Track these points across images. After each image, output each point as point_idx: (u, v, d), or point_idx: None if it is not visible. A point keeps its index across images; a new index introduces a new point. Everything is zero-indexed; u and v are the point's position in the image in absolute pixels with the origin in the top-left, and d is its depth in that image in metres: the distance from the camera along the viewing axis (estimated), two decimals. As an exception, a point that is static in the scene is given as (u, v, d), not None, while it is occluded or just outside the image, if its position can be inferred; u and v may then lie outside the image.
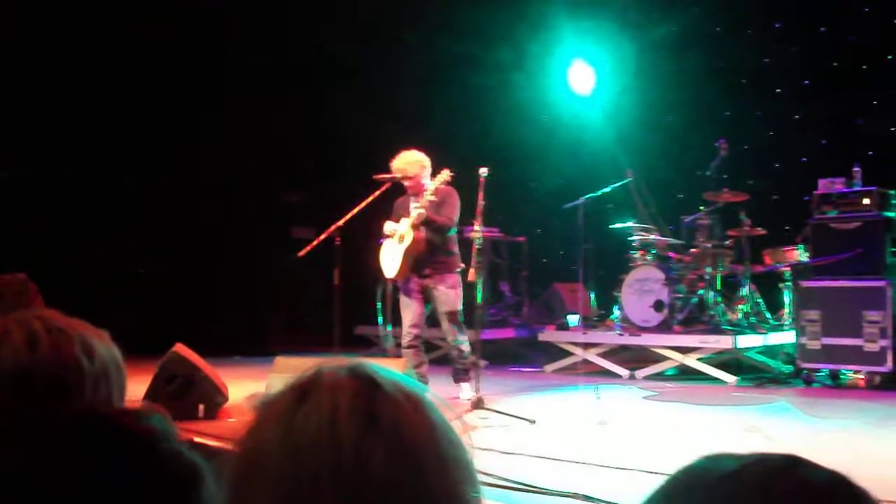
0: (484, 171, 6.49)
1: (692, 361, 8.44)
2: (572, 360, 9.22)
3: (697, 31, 10.40)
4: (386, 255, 6.99)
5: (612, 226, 9.37)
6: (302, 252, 6.89)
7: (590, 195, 8.28)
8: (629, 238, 9.30)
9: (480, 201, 6.49)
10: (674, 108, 10.57)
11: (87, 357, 1.35)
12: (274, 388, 0.93)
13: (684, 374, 8.62)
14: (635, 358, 9.09)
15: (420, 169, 6.93)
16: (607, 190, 8.62)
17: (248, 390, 6.70)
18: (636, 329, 8.94)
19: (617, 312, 9.23)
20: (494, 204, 7.01)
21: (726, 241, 9.01)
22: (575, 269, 8.53)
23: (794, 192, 9.32)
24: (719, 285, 8.94)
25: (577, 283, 9.75)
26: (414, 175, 6.89)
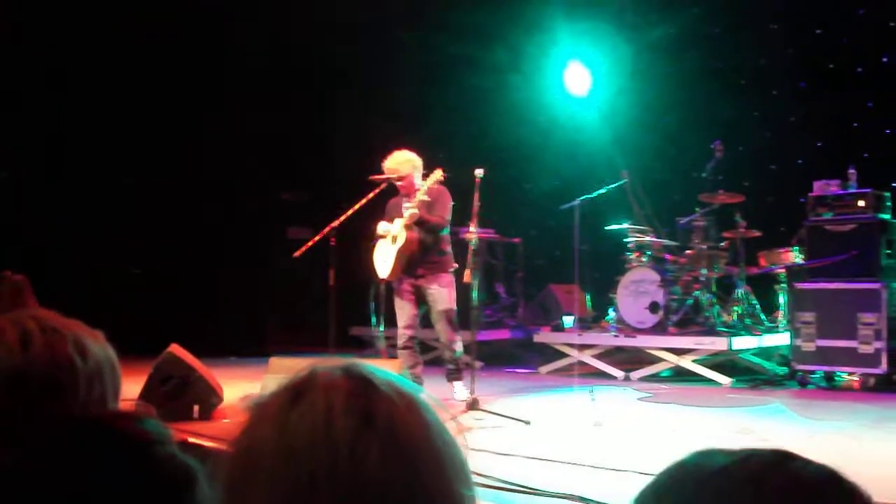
0: (479, 171, 6.48)
1: (687, 363, 8.45)
2: (567, 361, 9.23)
3: (693, 32, 10.41)
4: (379, 256, 6.98)
5: (608, 227, 9.36)
6: (297, 252, 6.89)
7: (585, 196, 8.28)
8: (625, 239, 9.31)
9: (476, 202, 6.48)
10: (670, 109, 10.57)
11: (81, 357, 1.34)
12: (269, 389, 0.93)
13: (679, 375, 8.62)
14: (630, 359, 9.09)
15: (412, 169, 6.93)
16: (603, 191, 8.61)
17: (244, 391, 6.68)
18: (631, 330, 8.94)
19: (612, 314, 9.24)
20: (490, 205, 7.00)
21: (721, 243, 9.02)
22: (570, 270, 8.52)
23: (790, 193, 9.34)
24: (714, 287, 8.96)
25: (572, 285, 9.76)
26: (406, 175, 6.89)
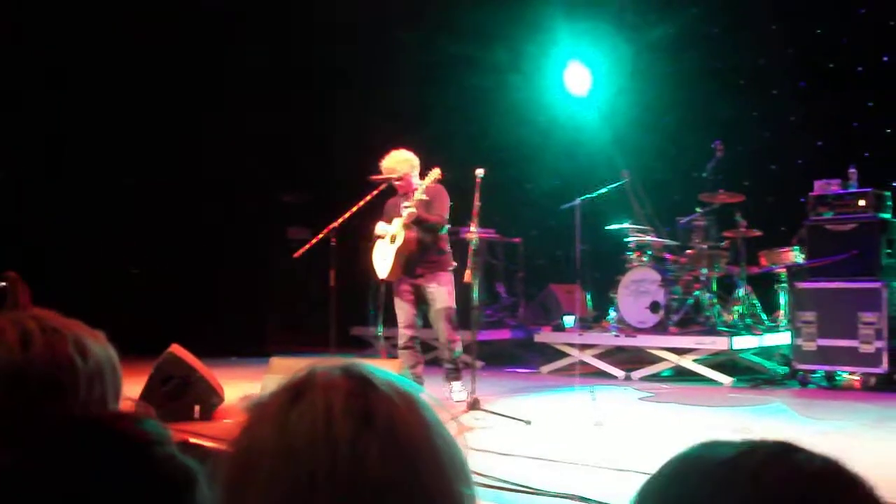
0: (480, 171, 6.47)
1: (688, 362, 8.45)
2: (568, 361, 9.23)
3: (694, 32, 10.40)
4: (378, 256, 6.97)
5: (609, 227, 9.36)
6: (297, 253, 6.89)
7: (586, 196, 8.27)
8: (625, 239, 9.30)
9: (476, 202, 6.47)
10: (670, 109, 10.57)
11: (81, 356, 1.34)
12: (269, 389, 0.93)
13: (680, 375, 8.62)
14: (631, 359, 9.09)
15: (409, 168, 6.93)
16: (603, 191, 8.61)
17: (244, 391, 6.68)
18: (632, 330, 8.94)
19: (613, 313, 9.23)
20: (491, 205, 7.00)
21: (722, 243, 9.02)
22: (571, 270, 8.53)
23: (790, 193, 9.33)
24: (715, 286, 8.95)
25: (573, 285, 9.76)
26: (404, 174, 6.89)
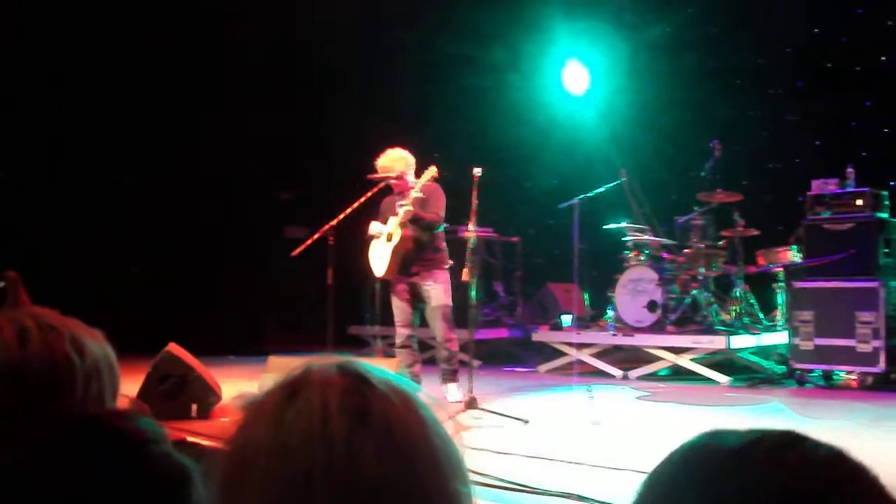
0: (478, 170, 6.46)
1: (685, 362, 8.45)
2: (566, 360, 9.23)
3: (692, 31, 10.41)
4: (374, 255, 6.97)
5: (606, 226, 9.36)
6: (295, 252, 6.88)
7: (584, 195, 8.27)
8: (623, 238, 9.31)
9: (474, 201, 6.48)
10: (668, 108, 10.57)
11: (78, 354, 1.34)
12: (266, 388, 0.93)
13: (677, 374, 8.63)
14: (629, 358, 9.10)
15: (405, 166, 6.93)
16: (601, 190, 8.60)
17: (242, 390, 6.68)
18: (629, 329, 8.95)
19: (610, 313, 9.23)
20: (489, 204, 7.01)
21: (720, 242, 9.02)
22: (569, 269, 8.52)
23: (788, 192, 9.34)
24: (713, 286, 8.96)
25: (570, 284, 9.75)
26: (399, 172, 6.89)
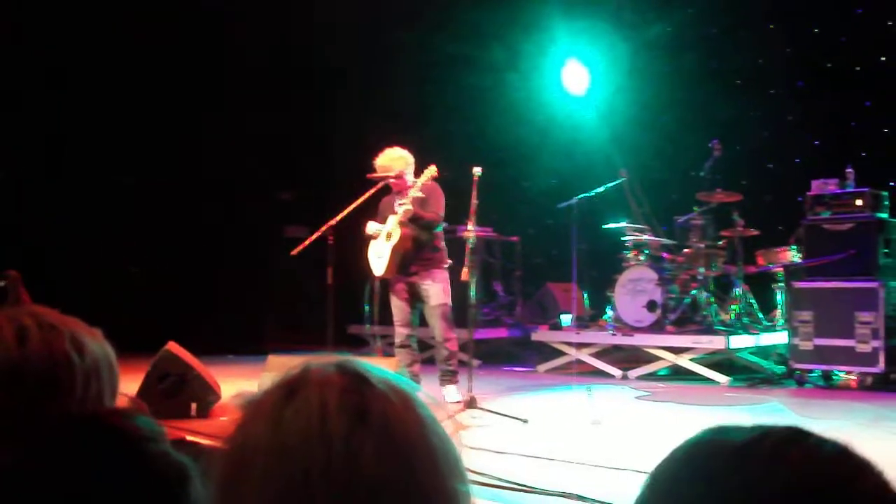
0: (477, 170, 6.46)
1: (685, 362, 8.45)
2: (565, 359, 9.23)
3: (692, 31, 10.41)
4: (373, 254, 6.96)
5: (606, 226, 9.36)
6: (294, 251, 6.88)
7: (583, 195, 8.28)
8: (622, 238, 9.31)
9: (474, 201, 6.47)
10: (668, 108, 10.57)
11: (78, 353, 1.34)
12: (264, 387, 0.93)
13: (677, 374, 8.63)
14: (628, 358, 9.09)
15: (404, 165, 6.92)
16: (601, 190, 8.61)
17: (242, 389, 6.67)
18: (629, 329, 8.94)
19: (610, 312, 9.23)
20: (488, 203, 7.00)
21: (719, 242, 9.02)
22: (568, 268, 8.53)
23: (788, 192, 9.34)
24: (712, 286, 8.95)
25: (570, 283, 9.75)
26: (398, 172, 6.88)
